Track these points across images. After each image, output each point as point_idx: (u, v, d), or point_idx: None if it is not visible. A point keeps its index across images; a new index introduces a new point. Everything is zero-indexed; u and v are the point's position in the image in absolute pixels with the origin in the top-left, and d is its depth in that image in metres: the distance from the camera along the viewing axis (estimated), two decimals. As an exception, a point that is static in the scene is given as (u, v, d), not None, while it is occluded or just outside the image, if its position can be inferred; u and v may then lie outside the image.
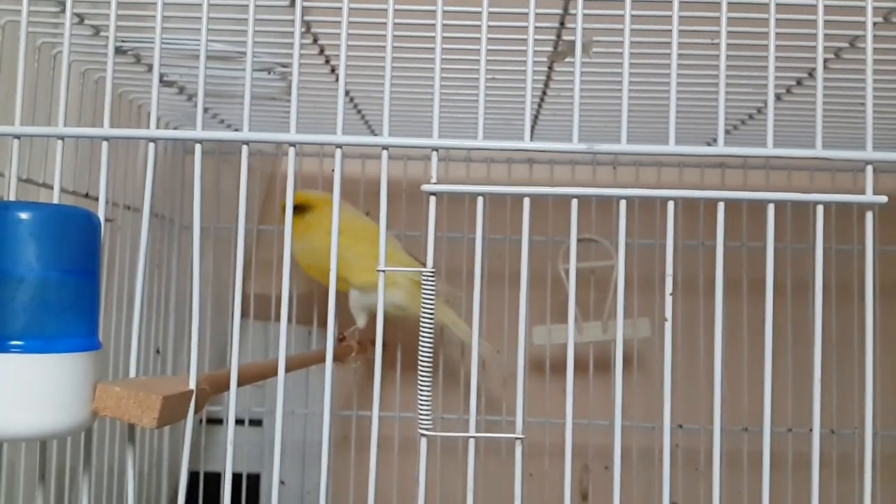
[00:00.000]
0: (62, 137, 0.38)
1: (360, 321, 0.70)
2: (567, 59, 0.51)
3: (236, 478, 0.84)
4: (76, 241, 0.33)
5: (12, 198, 0.37)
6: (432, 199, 0.36)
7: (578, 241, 0.81)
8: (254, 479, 0.87)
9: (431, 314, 0.36)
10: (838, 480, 0.74)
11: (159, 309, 0.77)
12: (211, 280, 0.78)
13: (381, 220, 0.37)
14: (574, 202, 0.36)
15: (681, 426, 0.80)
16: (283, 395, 0.37)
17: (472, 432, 0.35)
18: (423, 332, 0.36)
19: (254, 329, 0.84)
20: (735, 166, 0.81)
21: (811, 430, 0.37)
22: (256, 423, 0.89)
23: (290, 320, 0.82)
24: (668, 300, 0.36)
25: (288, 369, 0.57)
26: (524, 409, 0.36)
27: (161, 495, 0.79)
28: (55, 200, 0.37)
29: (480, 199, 0.36)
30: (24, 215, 0.31)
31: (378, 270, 0.36)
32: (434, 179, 0.36)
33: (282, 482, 0.95)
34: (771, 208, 0.36)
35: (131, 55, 0.57)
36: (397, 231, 0.81)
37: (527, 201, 0.36)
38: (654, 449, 0.80)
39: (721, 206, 0.36)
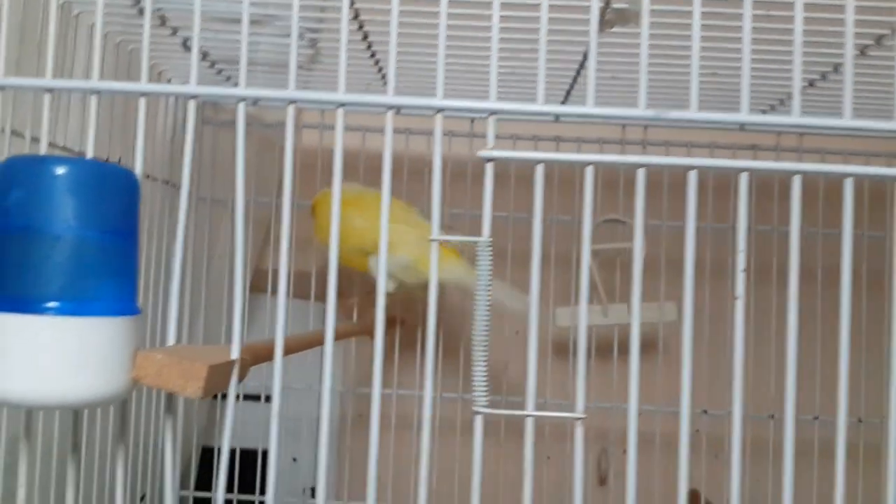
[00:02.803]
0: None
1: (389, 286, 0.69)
2: (614, 29, 0.49)
3: (252, 454, 0.83)
4: (116, 200, 0.31)
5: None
6: (489, 165, 0.34)
7: (604, 221, 0.79)
8: (252, 455, 0.85)
9: (488, 288, 0.34)
10: (865, 470, 0.72)
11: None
12: (229, 254, 0.76)
13: (434, 190, 0.35)
14: (640, 172, 0.34)
15: (705, 412, 0.78)
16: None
17: (529, 410, 0.34)
18: (477, 307, 0.34)
19: (272, 305, 0.83)
20: (768, 148, 0.79)
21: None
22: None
23: (307, 297, 0.81)
24: (741, 276, 0.34)
25: (317, 344, 0.56)
26: (584, 390, 0.34)
27: (190, 470, 0.77)
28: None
29: (539, 167, 0.35)
30: (61, 170, 0.29)
31: (431, 240, 0.34)
32: (491, 144, 0.34)
33: (294, 459, 0.94)
34: (849, 183, 0.34)
35: (157, 16, 0.54)
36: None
37: (590, 170, 0.34)
38: (678, 434, 0.78)
39: (797, 181, 0.34)
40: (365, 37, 0.55)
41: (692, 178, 0.35)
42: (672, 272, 0.76)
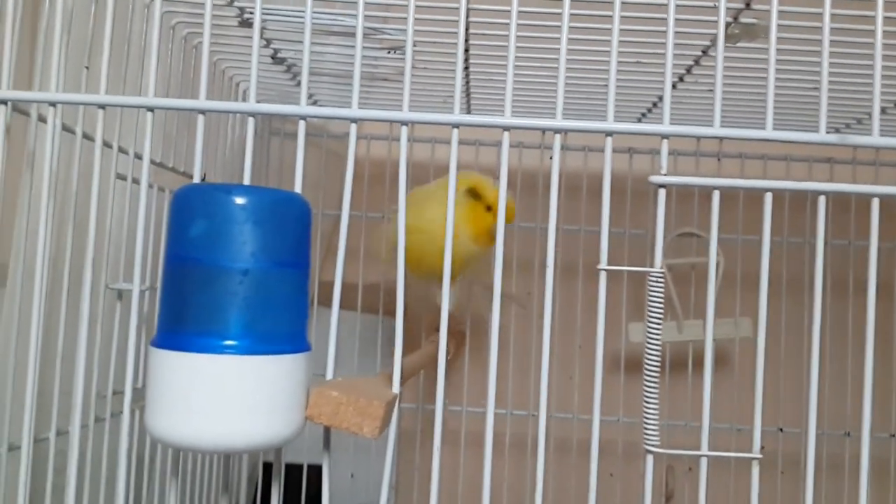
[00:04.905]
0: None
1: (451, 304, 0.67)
2: (739, 44, 0.48)
3: (298, 469, 0.82)
4: (294, 230, 0.29)
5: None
6: (661, 191, 0.33)
7: (678, 235, 0.78)
8: (316, 470, 0.84)
9: (660, 318, 0.32)
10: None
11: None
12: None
13: (603, 218, 0.33)
14: (822, 199, 0.33)
15: (781, 429, 0.77)
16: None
17: (703, 451, 0.32)
18: (649, 338, 0.33)
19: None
20: (844, 161, 0.77)
21: None
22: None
23: (376, 311, 0.78)
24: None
25: (414, 372, 0.54)
26: (759, 429, 0.32)
27: (241, 485, 0.76)
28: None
29: (716, 194, 0.33)
30: (245, 201, 0.28)
31: (600, 269, 0.33)
32: (664, 170, 0.33)
33: (352, 475, 0.92)
34: None
35: (249, 26, 0.53)
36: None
37: (768, 196, 0.33)
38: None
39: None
40: (467, 49, 0.54)
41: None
42: (747, 287, 0.75)
